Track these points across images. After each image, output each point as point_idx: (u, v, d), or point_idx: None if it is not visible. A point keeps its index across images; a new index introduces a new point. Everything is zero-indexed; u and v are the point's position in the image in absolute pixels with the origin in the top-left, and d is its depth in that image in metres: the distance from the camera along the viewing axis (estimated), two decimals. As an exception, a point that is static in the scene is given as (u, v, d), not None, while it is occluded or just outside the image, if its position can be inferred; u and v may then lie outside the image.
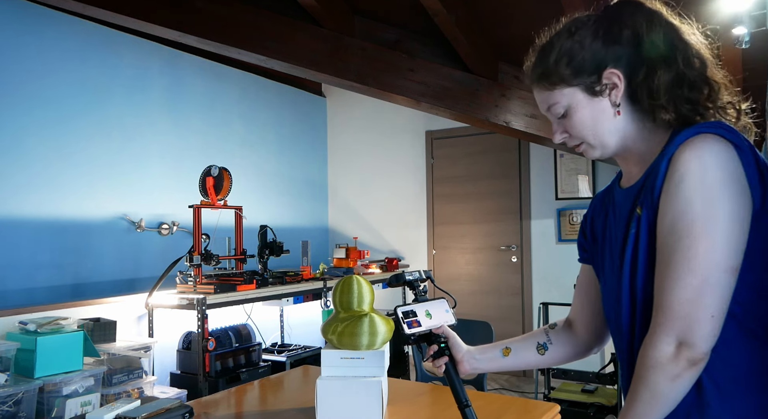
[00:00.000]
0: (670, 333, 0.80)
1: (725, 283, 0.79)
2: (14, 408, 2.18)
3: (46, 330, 2.35)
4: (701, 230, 0.80)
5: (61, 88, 3.22)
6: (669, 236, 0.83)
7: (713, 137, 0.83)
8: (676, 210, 0.82)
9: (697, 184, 0.80)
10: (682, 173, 0.82)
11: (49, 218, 3.12)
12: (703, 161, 0.81)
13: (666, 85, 0.89)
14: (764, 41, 2.56)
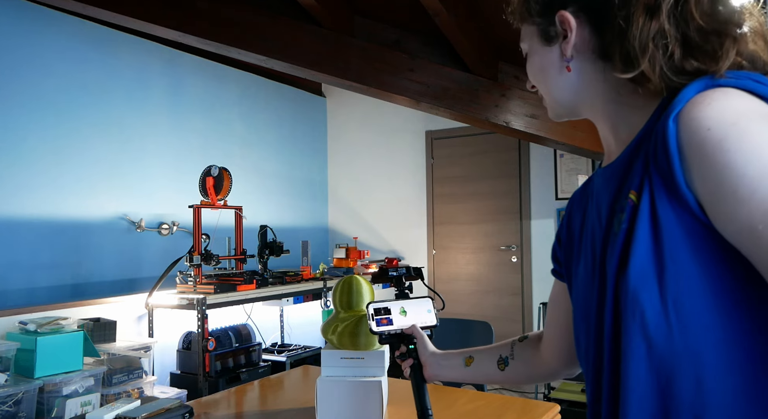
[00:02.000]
0: None
1: None
2: (14, 408, 2.18)
3: (46, 330, 2.35)
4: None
5: (61, 88, 3.22)
6: None
7: (737, 92, 0.58)
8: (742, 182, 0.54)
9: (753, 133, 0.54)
10: (717, 131, 0.55)
11: (49, 218, 3.12)
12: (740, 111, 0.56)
13: (645, 39, 0.65)
14: (764, 41, 2.56)
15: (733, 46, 0.63)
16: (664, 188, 0.60)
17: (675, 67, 0.64)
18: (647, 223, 0.61)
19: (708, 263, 0.58)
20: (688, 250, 0.59)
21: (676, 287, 0.60)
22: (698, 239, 0.59)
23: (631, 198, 0.64)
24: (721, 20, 0.64)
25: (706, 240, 0.58)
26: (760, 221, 0.52)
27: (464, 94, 3.33)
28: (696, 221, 0.58)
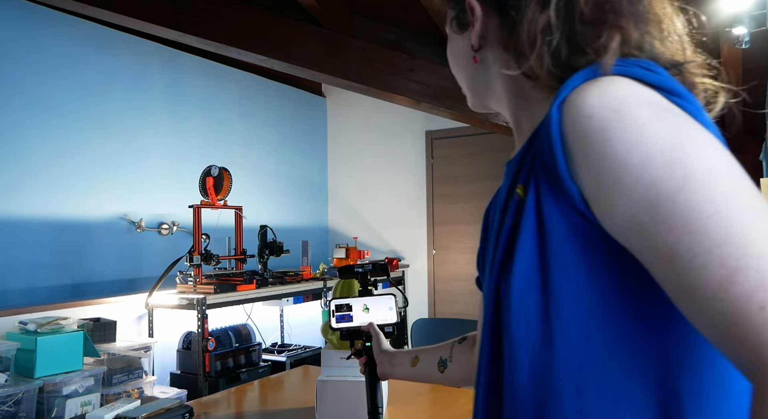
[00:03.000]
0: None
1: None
2: (14, 408, 2.18)
3: (46, 330, 2.35)
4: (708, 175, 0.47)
5: (61, 88, 3.22)
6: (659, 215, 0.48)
7: (624, 80, 0.54)
8: (623, 172, 0.49)
9: (636, 119, 0.50)
10: (598, 118, 0.51)
11: (49, 218, 3.12)
12: (622, 97, 0.52)
13: (533, 32, 0.62)
14: (764, 41, 2.56)
15: (619, 36, 0.60)
16: (548, 182, 0.55)
17: (562, 63, 0.61)
18: (532, 220, 0.57)
19: (594, 264, 0.54)
20: (573, 250, 0.54)
21: (559, 290, 0.55)
22: (584, 238, 0.54)
23: (518, 193, 0.61)
24: (607, 10, 0.61)
25: (592, 239, 0.54)
26: (645, 214, 0.48)
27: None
28: (581, 217, 0.53)
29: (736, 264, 0.43)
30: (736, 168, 0.48)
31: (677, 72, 0.63)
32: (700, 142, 0.49)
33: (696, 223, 0.45)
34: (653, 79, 0.54)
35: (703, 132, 0.50)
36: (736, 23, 2.26)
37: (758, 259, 0.43)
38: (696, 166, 0.47)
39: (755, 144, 3.54)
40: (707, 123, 0.54)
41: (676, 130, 0.50)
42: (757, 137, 3.53)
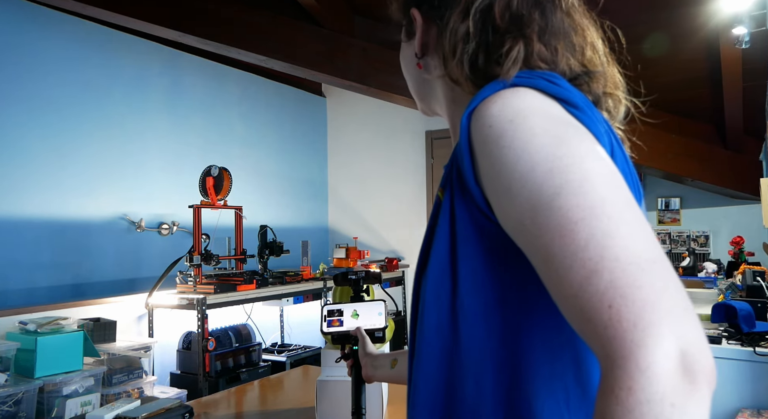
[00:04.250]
0: (663, 336, 0.43)
1: (652, 231, 0.51)
2: (14, 408, 2.18)
3: (46, 330, 2.35)
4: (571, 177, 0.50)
5: (61, 88, 3.22)
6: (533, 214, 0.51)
7: (528, 91, 0.58)
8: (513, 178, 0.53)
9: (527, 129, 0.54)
10: (496, 128, 0.55)
11: (49, 218, 3.12)
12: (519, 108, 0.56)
13: (454, 41, 0.66)
14: (764, 41, 2.56)
15: (523, 47, 0.64)
16: (460, 185, 0.60)
17: (480, 70, 0.65)
18: (447, 221, 0.62)
19: (496, 262, 0.59)
20: (478, 249, 0.59)
21: (465, 287, 0.60)
22: (488, 237, 0.58)
23: (438, 195, 0.66)
24: (518, 22, 0.65)
25: (496, 238, 0.58)
26: (527, 217, 0.52)
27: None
28: (486, 218, 0.58)
29: (594, 266, 0.47)
30: (612, 178, 0.51)
31: (583, 83, 0.67)
32: (582, 152, 0.52)
33: (565, 228, 0.49)
34: (554, 91, 0.58)
35: (588, 143, 0.54)
36: (736, 23, 2.26)
37: (612, 262, 0.46)
38: (572, 175, 0.50)
39: (755, 144, 3.54)
40: (600, 134, 0.58)
41: (562, 140, 0.53)
42: (757, 137, 3.53)
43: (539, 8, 0.67)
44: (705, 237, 4.10)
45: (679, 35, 2.86)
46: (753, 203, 3.91)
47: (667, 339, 0.43)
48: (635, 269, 0.46)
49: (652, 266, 0.47)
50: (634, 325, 0.44)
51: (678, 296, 0.46)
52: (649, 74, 3.59)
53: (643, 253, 0.47)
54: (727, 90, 3.04)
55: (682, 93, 3.41)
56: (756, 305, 2.08)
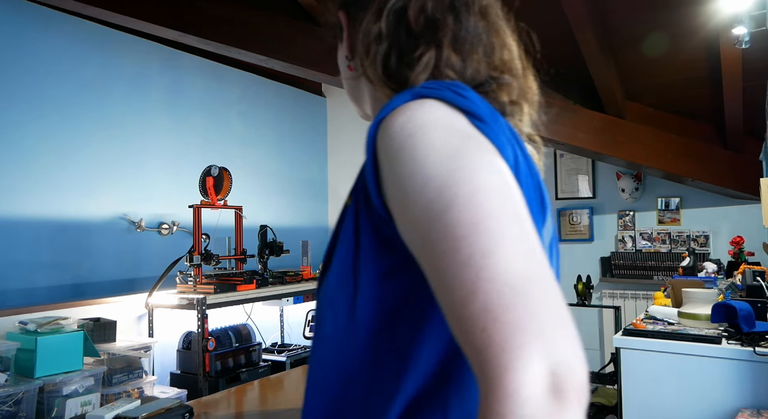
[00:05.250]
0: (532, 358, 0.43)
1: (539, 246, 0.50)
2: (14, 408, 2.18)
3: (46, 330, 2.35)
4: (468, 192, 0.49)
5: (60, 88, 3.22)
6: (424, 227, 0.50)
7: (435, 103, 0.57)
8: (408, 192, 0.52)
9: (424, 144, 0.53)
10: (397, 140, 0.55)
11: (49, 218, 3.12)
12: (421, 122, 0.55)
13: (367, 42, 0.67)
14: (764, 41, 2.56)
15: (433, 53, 0.64)
16: (365, 193, 0.60)
17: (393, 73, 0.66)
18: (351, 227, 0.62)
19: (394, 275, 0.58)
20: (379, 261, 0.59)
21: (364, 298, 0.59)
22: (389, 250, 0.58)
23: (346, 202, 0.66)
24: (430, 26, 0.65)
25: (396, 251, 0.57)
26: (419, 231, 0.51)
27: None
28: (388, 230, 0.57)
29: (471, 287, 0.46)
30: (505, 192, 0.50)
31: (490, 90, 0.66)
32: (476, 166, 0.51)
33: (449, 245, 0.48)
34: (460, 103, 0.57)
35: (486, 156, 0.53)
36: (736, 23, 2.26)
37: (487, 283, 0.45)
38: (462, 189, 0.49)
39: (755, 144, 3.54)
40: (503, 146, 0.57)
41: (458, 154, 0.52)
42: (757, 137, 3.53)
43: (453, 13, 0.66)
44: (705, 237, 4.10)
45: (679, 35, 2.86)
46: (753, 203, 3.91)
47: (535, 361, 0.43)
48: (509, 290, 0.45)
49: (528, 286, 0.46)
50: (502, 349, 0.44)
51: (552, 314, 0.45)
52: (649, 74, 3.60)
53: (519, 272, 0.46)
54: (727, 90, 3.04)
55: (682, 93, 3.41)
56: (756, 305, 2.08)
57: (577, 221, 4.51)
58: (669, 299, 2.57)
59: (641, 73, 3.28)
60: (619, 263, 4.30)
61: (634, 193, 4.27)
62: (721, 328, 2.04)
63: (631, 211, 4.33)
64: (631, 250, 4.31)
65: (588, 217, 4.47)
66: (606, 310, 4.21)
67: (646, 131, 3.49)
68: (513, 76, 0.69)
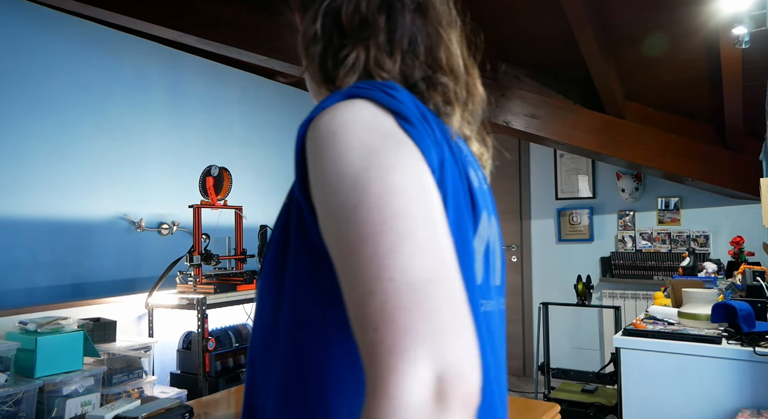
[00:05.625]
0: (418, 361, 0.43)
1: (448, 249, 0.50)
2: (14, 408, 2.18)
3: (46, 330, 2.35)
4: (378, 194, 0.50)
5: (60, 89, 3.22)
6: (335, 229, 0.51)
7: (364, 103, 0.57)
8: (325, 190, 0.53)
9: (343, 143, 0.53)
10: (320, 139, 0.55)
11: (49, 218, 3.12)
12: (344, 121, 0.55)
13: (306, 41, 0.68)
14: (764, 41, 2.56)
15: (363, 54, 0.64)
16: (296, 190, 0.60)
17: (329, 74, 0.66)
18: (282, 225, 0.63)
19: (318, 276, 0.58)
20: (304, 260, 0.59)
21: (288, 296, 0.60)
22: (313, 250, 0.58)
23: (285, 203, 0.66)
24: (362, 27, 0.65)
25: (320, 251, 0.57)
26: (331, 229, 0.51)
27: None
28: (313, 230, 0.58)
29: (371, 286, 0.46)
30: (418, 194, 0.50)
31: (423, 90, 0.65)
32: (390, 166, 0.51)
33: (355, 243, 0.48)
34: (388, 104, 0.57)
35: (403, 157, 0.52)
36: (736, 23, 2.26)
37: (386, 283, 0.46)
38: (373, 188, 0.49)
39: (755, 144, 3.54)
40: (428, 148, 0.56)
41: (374, 153, 0.52)
42: (757, 137, 3.53)
43: (386, 12, 0.66)
44: (705, 237, 4.10)
45: (679, 35, 2.86)
46: (753, 203, 3.91)
47: (422, 364, 0.43)
48: (407, 290, 0.45)
49: (427, 288, 0.46)
50: (390, 350, 0.43)
51: (448, 318, 0.45)
52: (649, 74, 3.60)
53: (421, 274, 0.46)
54: (727, 90, 3.04)
55: (682, 93, 3.41)
56: (756, 305, 2.08)
57: (577, 221, 4.51)
58: (669, 299, 2.57)
59: (641, 73, 3.28)
60: (619, 263, 4.30)
61: (634, 193, 4.27)
62: (721, 328, 2.04)
63: (631, 211, 4.33)
64: (631, 250, 4.31)
65: (588, 217, 4.47)
66: (606, 310, 4.21)
67: (646, 131, 3.49)
68: (453, 74, 0.69)
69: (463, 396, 0.43)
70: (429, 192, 0.52)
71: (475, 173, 0.68)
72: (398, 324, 0.44)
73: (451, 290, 0.47)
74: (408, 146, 0.54)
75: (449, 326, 0.45)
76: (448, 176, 0.58)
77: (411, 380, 0.42)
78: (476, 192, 0.64)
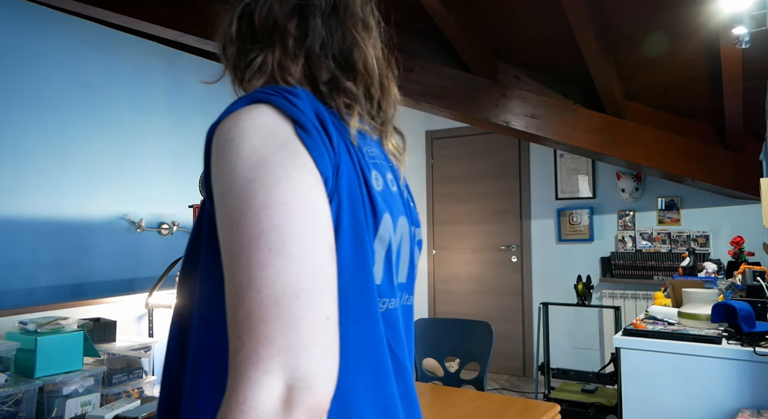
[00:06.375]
0: (271, 371, 0.46)
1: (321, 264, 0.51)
2: (14, 408, 2.18)
3: (46, 330, 2.35)
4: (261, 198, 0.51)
5: (61, 88, 3.22)
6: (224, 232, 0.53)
7: (265, 109, 0.57)
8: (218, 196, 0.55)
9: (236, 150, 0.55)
10: (219, 145, 0.57)
11: (49, 218, 3.12)
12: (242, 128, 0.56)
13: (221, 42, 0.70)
14: (764, 41, 2.56)
15: (272, 59, 0.65)
16: (204, 190, 0.62)
17: (240, 76, 0.68)
18: (196, 228, 0.65)
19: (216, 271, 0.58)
20: (212, 259, 0.60)
21: (198, 294, 0.62)
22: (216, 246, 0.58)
23: None
24: (271, 31, 0.66)
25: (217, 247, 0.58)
26: (221, 235, 0.53)
27: (464, 94, 3.33)
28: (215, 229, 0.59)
29: (241, 295, 0.49)
30: (298, 208, 0.52)
31: (326, 95, 0.66)
32: (275, 179, 0.52)
33: (234, 253, 0.51)
34: (288, 111, 0.58)
35: (289, 171, 0.53)
36: (736, 23, 2.26)
37: (254, 293, 0.48)
38: (254, 201, 0.51)
39: (755, 144, 3.54)
40: (322, 157, 0.57)
41: (262, 165, 0.53)
42: (757, 137, 3.53)
43: (298, 15, 0.67)
44: (705, 237, 4.10)
45: (679, 35, 2.86)
46: (753, 203, 3.91)
47: (273, 374, 0.45)
48: (271, 303, 0.47)
49: (290, 302, 0.48)
50: (247, 358, 0.46)
51: (307, 331, 0.47)
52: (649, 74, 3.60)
53: (286, 288, 0.48)
54: (727, 90, 3.04)
55: (682, 93, 3.40)
56: (756, 305, 2.08)
57: (577, 221, 4.51)
58: (669, 299, 2.56)
59: (641, 73, 3.28)
60: (619, 263, 4.30)
61: (634, 193, 4.27)
62: (721, 328, 2.04)
63: (631, 211, 4.33)
64: (631, 250, 4.31)
65: (588, 217, 4.47)
66: (606, 310, 4.21)
67: (646, 131, 3.49)
68: (367, 75, 0.70)
69: (310, 407, 0.46)
70: (312, 205, 0.53)
71: (380, 175, 0.68)
72: (257, 335, 0.47)
73: (315, 306, 0.49)
74: (300, 156, 0.55)
75: (306, 340, 0.47)
76: (343, 183, 0.60)
77: (261, 389, 0.45)
78: (376, 195, 0.64)
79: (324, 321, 0.49)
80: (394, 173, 0.74)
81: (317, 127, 0.59)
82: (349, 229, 0.59)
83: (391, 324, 0.67)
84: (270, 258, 0.49)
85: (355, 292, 0.60)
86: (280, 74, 0.66)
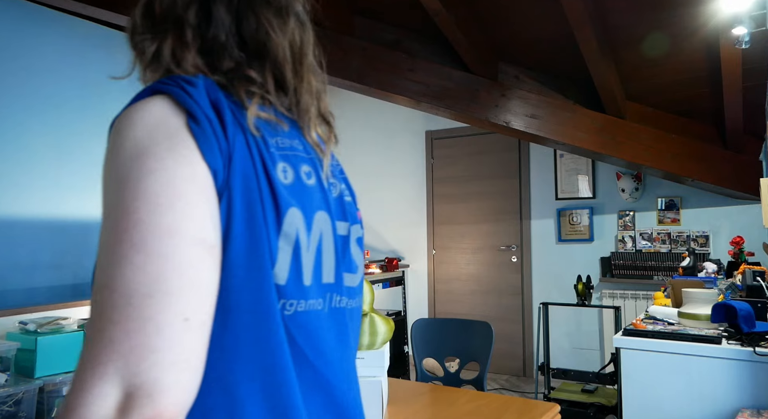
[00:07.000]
0: (107, 376, 0.43)
1: (188, 261, 0.49)
2: (14, 408, 2.18)
3: (46, 330, 2.35)
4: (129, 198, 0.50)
5: (61, 88, 3.22)
6: None
7: (161, 102, 0.56)
8: (102, 189, 0.54)
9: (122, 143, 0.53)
10: (111, 137, 0.55)
11: (49, 218, 3.12)
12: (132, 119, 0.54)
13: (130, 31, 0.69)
14: (764, 41, 2.56)
15: (169, 48, 0.64)
16: None
17: (143, 66, 0.68)
18: None
19: None
20: None
21: None
22: None
23: None
24: (166, 19, 0.65)
25: None
26: (102, 229, 0.51)
27: (464, 94, 3.33)
28: None
29: (97, 294, 0.47)
30: (164, 207, 0.49)
31: (227, 84, 0.63)
32: (146, 174, 0.50)
33: (101, 249, 0.49)
34: (182, 101, 0.56)
35: (165, 165, 0.51)
36: (736, 23, 2.26)
37: (108, 293, 0.46)
38: (125, 195, 0.49)
39: (755, 144, 3.54)
40: (210, 150, 0.54)
41: (138, 160, 0.51)
42: (757, 137, 3.53)
43: (196, 3, 0.65)
44: (705, 237, 4.10)
45: (679, 35, 2.86)
46: (753, 203, 3.91)
47: (110, 381, 0.43)
48: (123, 303, 0.45)
49: (143, 301, 0.45)
50: (87, 362, 0.43)
51: (155, 336, 0.44)
52: (649, 74, 3.60)
53: (142, 286, 0.46)
54: (727, 90, 3.04)
55: (682, 93, 3.41)
56: (756, 305, 2.08)
57: (577, 221, 4.51)
58: (669, 300, 2.57)
59: (641, 73, 3.28)
60: (619, 264, 4.30)
61: (634, 193, 4.27)
62: (721, 328, 2.04)
63: (631, 211, 4.33)
64: (631, 250, 4.31)
65: (588, 217, 4.47)
66: (606, 310, 4.21)
67: (646, 131, 3.49)
68: (277, 64, 0.67)
69: (149, 418, 0.43)
70: (187, 198, 0.51)
71: (291, 167, 0.63)
72: (103, 337, 0.44)
73: (170, 307, 0.46)
74: (183, 147, 0.53)
75: (153, 344, 0.44)
76: (237, 176, 0.56)
77: (94, 396, 0.42)
78: (281, 189, 0.60)
79: (181, 324, 0.45)
80: (313, 165, 0.68)
81: (210, 117, 0.56)
82: (242, 224, 0.55)
83: (304, 328, 0.61)
84: (131, 255, 0.46)
85: (249, 293, 0.55)
86: (175, 64, 0.64)
